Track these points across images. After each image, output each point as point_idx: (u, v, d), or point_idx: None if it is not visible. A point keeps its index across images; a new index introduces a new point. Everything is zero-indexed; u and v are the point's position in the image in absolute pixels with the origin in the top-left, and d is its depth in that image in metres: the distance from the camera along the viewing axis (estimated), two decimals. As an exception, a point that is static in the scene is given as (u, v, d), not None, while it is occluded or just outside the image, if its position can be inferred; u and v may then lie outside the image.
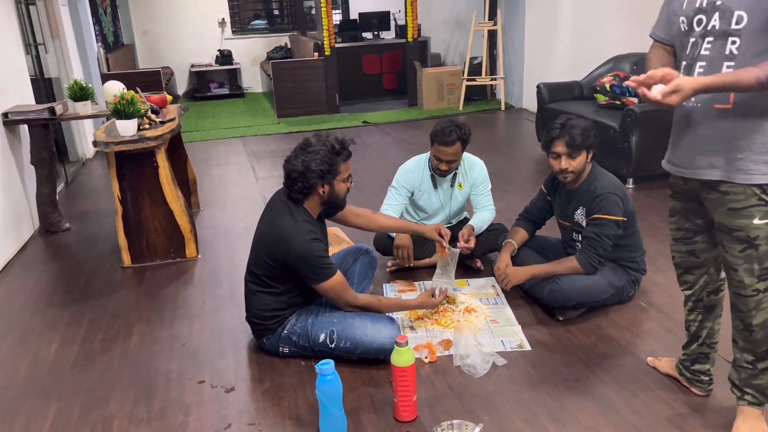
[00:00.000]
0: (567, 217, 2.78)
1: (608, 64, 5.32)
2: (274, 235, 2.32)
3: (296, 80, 7.62)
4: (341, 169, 2.30)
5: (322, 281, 2.30)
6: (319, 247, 2.29)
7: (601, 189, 2.59)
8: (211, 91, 9.57)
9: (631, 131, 4.21)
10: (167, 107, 4.07)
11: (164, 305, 3.03)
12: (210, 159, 5.86)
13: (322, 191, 2.32)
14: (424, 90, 7.61)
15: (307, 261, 2.26)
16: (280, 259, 2.30)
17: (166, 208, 3.43)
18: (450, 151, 2.95)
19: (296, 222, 2.29)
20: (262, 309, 2.45)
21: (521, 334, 2.58)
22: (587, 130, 2.57)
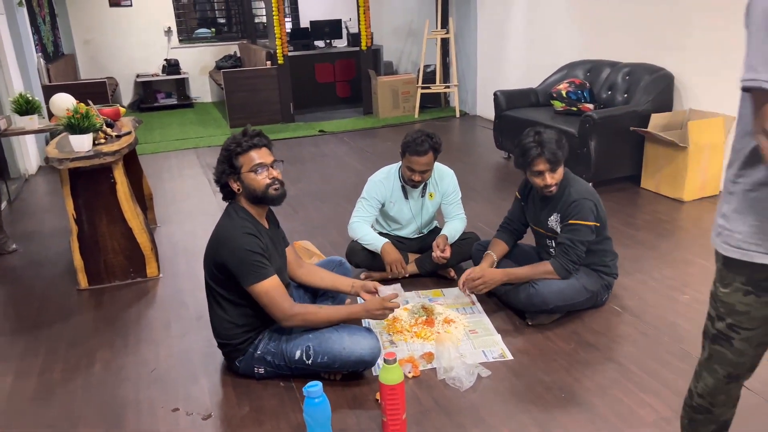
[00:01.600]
0: (541, 223, 2.79)
1: (562, 72, 5.42)
2: (213, 237, 2.27)
3: (249, 89, 7.47)
4: (241, 162, 2.22)
5: (254, 282, 2.16)
6: (252, 242, 2.17)
7: (575, 195, 2.61)
8: (159, 101, 9.30)
9: (589, 137, 4.29)
10: (121, 120, 3.90)
11: (127, 329, 2.88)
12: (162, 172, 5.66)
13: (237, 188, 2.26)
14: (379, 98, 7.60)
15: (237, 255, 2.16)
16: (220, 263, 2.22)
17: (124, 226, 3.27)
18: (423, 160, 2.93)
19: (231, 219, 2.24)
20: (225, 327, 2.35)
21: (502, 344, 2.57)
22: (560, 141, 2.58)
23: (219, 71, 8.85)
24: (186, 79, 9.44)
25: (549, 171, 2.57)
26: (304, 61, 8.42)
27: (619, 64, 4.91)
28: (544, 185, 2.60)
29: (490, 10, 7.00)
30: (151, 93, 9.26)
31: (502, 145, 5.49)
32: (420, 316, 2.77)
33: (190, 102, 9.43)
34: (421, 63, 7.56)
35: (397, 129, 7.16)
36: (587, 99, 4.80)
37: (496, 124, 5.50)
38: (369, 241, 3.09)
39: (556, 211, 2.68)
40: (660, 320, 2.71)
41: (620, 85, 4.77)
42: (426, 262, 3.17)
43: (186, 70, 9.47)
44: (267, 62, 7.63)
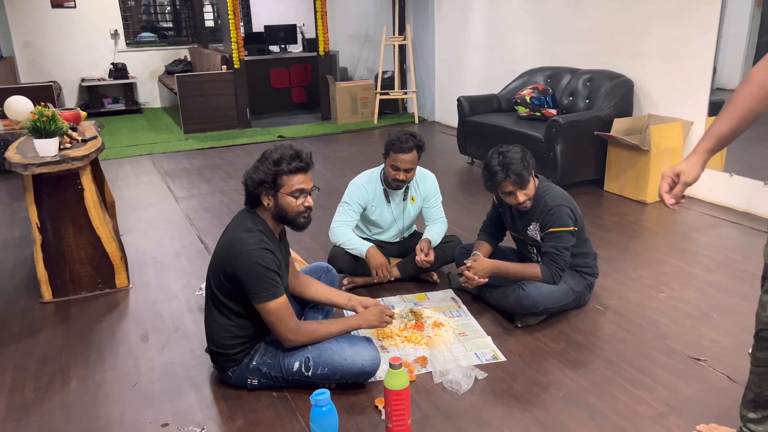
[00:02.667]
0: (520, 231, 2.82)
1: (522, 78, 5.53)
2: (226, 244, 2.19)
3: (203, 94, 7.29)
4: (284, 182, 2.15)
5: (265, 300, 2.11)
6: (269, 258, 2.11)
7: (551, 202, 2.65)
8: (105, 106, 8.95)
9: (555, 141, 4.39)
10: (81, 124, 3.73)
11: (101, 343, 2.73)
12: (118, 179, 5.44)
13: (267, 202, 2.19)
14: (338, 104, 7.56)
15: (251, 270, 2.08)
16: (230, 274, 2.14)
17: (92, 235, 3.11)
18: (408, 158, 2.92)
19: (249, 231, 2.16)
20: (224, 337, 2.26)
21: (493, 345, 2.57)
22: (524, 158, 2.59)
23: (170, 76, 8.63)
24: (134, 83, 9.13)
25: (519, 189, 2.60)
26: (260, 66, 8.30)
27: (579, 71, 5.05)
28: (516, 203, 2.64)
29: (447, 17, 7.09)
30: (97, 98, 8.91)
31: (466, 150, 5.54)
32: (409, 320, 2.75)
33: (139, 107, 9.13)
34: (380, 69, 7.56)
35: (357, 135, 7.14)
36: (550, 104, 4.90)
37: (459, 130, 5.55)
38: (352, 245, 3.05)
39: (535, 220, 2.71)
40: (642, 318, 2.78)
41: (581, 91, 4.90)
42: (409, 266, 3.16)
43: (134, 75, 9.16)
44: (222, 66, 7.47)
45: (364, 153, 6.22)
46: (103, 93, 9.02)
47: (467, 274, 2.69)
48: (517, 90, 5.35)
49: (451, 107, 6.90)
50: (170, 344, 2.70)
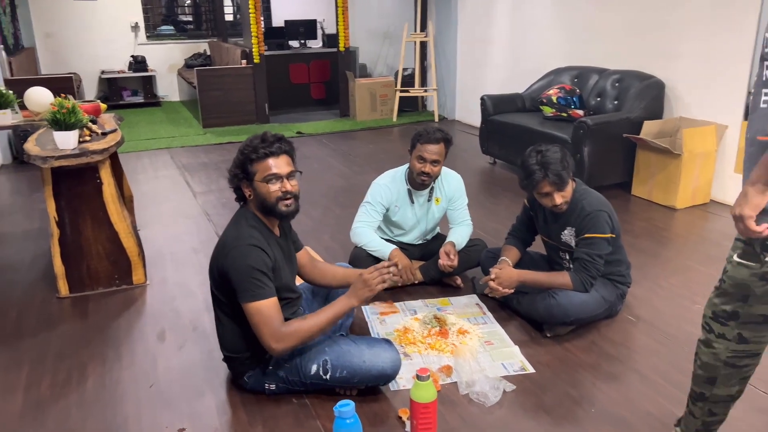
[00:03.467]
0: (553, 236, 2.73)
1: (548, 77, 5.42)
2: (218, 245, 2.12)
3: (222, 89, 7.24)
4: (255, 168, 2.06)
5: (248, 300, 1.97)
6: (255, 256, 2.00)
7: (589, 207, 2.55)
8: (124, 99, 8.94)
9: (583, 143, 4.27)
10: (101, 117, 3.68)
11: (118, 340, 2.67)
12: (136, 172, 5.40)
13: (248, 194, 2.11)
14: (357, 101, 7.47)
15: (237, 268, 1.98)
16: (222, 273, 2.07)
17: (110, 230, 3.06)
18: (435, 149, 2.84)
19: (238, 228, 2.09)
20: (233, 340, 2.19)
21: (521, 356, 2.48)
22: (564, 159, 2.50)
23: (190, 69, 8.59)
24: (153, 76, 9.11)
25: (556, 191, 2.51)
26: (279, 62, 8.24)
27: (607, 71, 4.93)
28: (553, 205, 2.55)
29: (471, 13, 6.97)
30: (116, 90, 8.89)
31: (488, 150, 5.44)
32: (433, 326, 2.66)
33: (158, 100, 9.11)
34: (400, 66, 7.46)
35: (375, 132, 7.06)
36: (577, 105, 4.79)
37: (482, 129, 5.45)
38: (375, 247, 2.97)
39: (570, 225, 2.62)
40: (676, 329, 2.67)
41: (610, 92, 4.78)
42: (431, 269, 3.07)
43: (153, 68, 9.14)
44: (242, 61, 7.42)
45: (383, 150, 6.13)
46: (123, 85, 9.01)
47: (492, 285, 2.60)
48: (542, 89, 5.23)
49: (472, 106, 6.80)
50: (188, 344, 2.64)
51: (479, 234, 3.64)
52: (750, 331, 1.61)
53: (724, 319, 1.63)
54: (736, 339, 1.62)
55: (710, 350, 1.68)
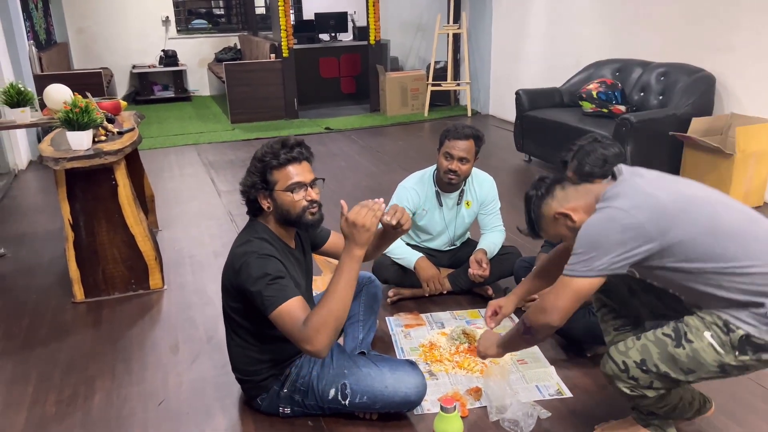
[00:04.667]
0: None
1: (588, 71, 5.16)
2: (228, 261, 1.96)
3: (251, 83, 7.14)
4: (276, 177, 1.90)
5: (272, 308, 1.77)
6: (270, 264, 1.82)
7: None
8: (155, 94, 8.94)
9: (625, 141, 4.01)
10: (121, 114, 3.58)
11: (130, 352, 2.56)
12: (162, 170, 5.33)
13: (267, 206, 1.94)
14: (387, 95, 7.29)
15: (251, 282, 1.81)
16: (236, 291, 1.91)
17: (126, 233, 2.96)
18: (463, 145, 2.66)
19: (247, 242, 1.91)
20: (246, 362, 2.04)
21: (557, 377, 2.28)
22: (607, 160, 2.28)
23: (219, 63, 8.53)
24: (184, 71, 9.08)
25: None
26: (309, 55, 8.10)
27: (652, 64, 4.64)
28: None
29: (506, 3, 6.71)
30: (147, 85, 8.90)
31: (523, 147, 5.21)
32: (461, 342, 2.48)
33: (188, 95, 9.08)
34: (432, 59, 7.26)
35: (406, 128, 6.87)
36: (619, 100, 4.53)
37: (517, 125, 5.22)
38: (400, 254, 2.80)
39: None
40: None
41: (654, 87, 4.50)
42: (461, 278, 2.88)
43: (184, 62, 9.11)
44: (271, 55, 7.31)
45: (413, 147, 5.95)
46: (153, 80, 9.00)
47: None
48: (581, 84, 4.98)
49: (506, 101, 6.56)
50: (201, 357, 2.51)
51: (513, 240, 3.43)
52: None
53: (657, 379, 1.64)
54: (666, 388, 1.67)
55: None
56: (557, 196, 1.75)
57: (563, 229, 1.75)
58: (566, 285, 1.64)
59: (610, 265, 1.58)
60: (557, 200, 1.75)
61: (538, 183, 1.81)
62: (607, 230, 1.58)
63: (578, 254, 1.61)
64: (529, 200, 1.81)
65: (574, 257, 1.62)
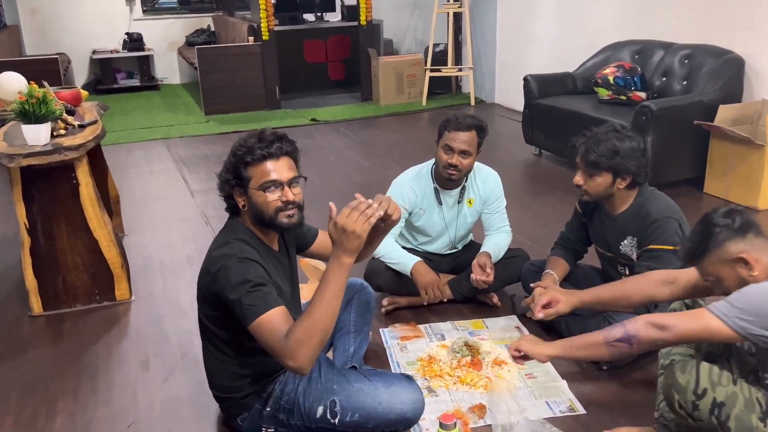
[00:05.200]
0: (610, 246, 2.60)
1: (604, 54, 5.24)
2: (204, 265, 2.01)
3: (227, 70, 7.19)
4: (250, 173, 1.95)
5: (252, 317, 1.80)
6: (250, 268, 1.86)
7: (656, 213, 2.44)
8: (118, 82, 8.98)
9: (645, 131, 4.09)
10: (82, 105, 3.63)
11: (95, 369, 2.61)
12: (127, 167, 5.38)
13: (242, 204, 2.00)
14: (380, 82, 7.36)
15: (229, 289, 1.85)
16: (213, 298, 1.96)
17: (89, 238, 3.00)
18: (464, 137, 2.72)
19: (227, 245, 1.95)
20: (224, 377, 2.09)
21: (569, 393, 2.34)
22: (618, 153, 2.37)
23: (191, 48, 8.56)
24: (151, 56, 9.13)
25: (581, 171, 2.46)
26: (292, 38, 8.15)
27: (675, 46, 4.73)
28: (575, 184, 2.50)
29: (513, -20, 6.80)
30: (109, 72, 8.94)
31: (532, 139, 5.28)
32: (463, 355, 2.54)
33: (156, 83, 9.12)
34: (430, 42, 7.33)
35: (402, 118, 6.94)
36: (639, 86, 4.61)
37: (525, 115, 5.30)
38: (395, 259, 2.85)
39: (632, 234, 2.49)
40: (760, 362, 2.49)
41: (677, 71, 4.59)
42: (463, 284, 2.94)
43: (151, 46, 9.15)
44: (249, 38, 7.37)
45: (409, 140, 6.02)
46: (117, 67, 9.04)
47: (535, 312, 2.39)
48: (597, 68, 5.06)
49: (514, 87, 6.60)
50: (175, 373, 2.56)
51: (520, 242, 3.50)
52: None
53: (718, 425, 1.69)
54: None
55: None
56: (750, 239, 1.76)
57: (731, 273, 1.78)
58: (703, 317, 1.71)
59: (761, 336, 1.64)
60: (749, 243, 1.76)
61: (731, 213, 1.80)
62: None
63: (737, 307, 1.67)
64: (711, 225, 1.80)
65: (730, 306, 1.68)
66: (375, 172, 4.99)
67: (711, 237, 1.78)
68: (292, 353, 1.76)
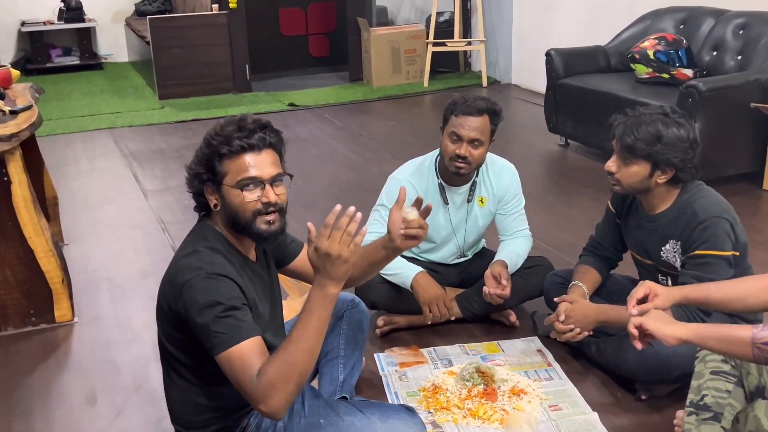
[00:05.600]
0: (649, 252, 2.67)
1: (643, 23, 5.38)
2: (168, 276, 2.05)
3: (187, 45, 7.31)
4: (226, 168, 1.98)
5: (221, 348, 1.86)
6: (221, 287, 1.91)
7: (702, 213, 2.50)
8: (53, 60, 9.09)
9: (693, 116, 4.17)
10: (12, 88, 3.69)
11: (30, 405, 2.67)
12: (64, 164, 5.44)
13: (214, 202, 2.04)
14: (373, 59, 7.47)
15: (196, 311, 1.89)
16: (176, 317, 2.00)
17: (23, 247, 3.07)
18: (475, 123, 2.79)
19: (196, 254, 2.00)
20: (189, 410, 2.13)
21: (602, 427, 2.42)
22: (663, 139, 2.44)
23: (142, 18, 8.64)
24: (92, 29, 9.25)
25: (617, 156, 2.53)
26: (265, 6, 8.28)
27: (728, 14, 4.85)
28: (606, 170, 2.56)
29: (532, -65, 6.92)
30: (42, 48, 9.03)
31: (557, 127, 5.38)
32: (475, 384, 2.60)
33: (99, 62, 9.25)
34: (433, 10, 7.43)
35: (399, 103, 7.06)
36: (684, 62, 4.72)
37: (549, 97, 5.40)
38: (393, 269, 2.91)
39: (675, 238, 2.56)
40: (830, 390, 2.56)
41: (731, 44, 4.71)
42: (473, 300, 3.02)
43: (92, 17, 9.25)
44: (213, 6, 7.47)
45: (408, 129, 6.11)
46: (51, 42, 9.13)
47: (558, 326, 2.53)
48: (634, 41, 5.17)
49: (535, 65, 6.70)
50: (127, 409, 2.62)
51: (543, 250, 3.58)
52: None
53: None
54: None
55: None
56: None
57: None
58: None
59: None
60: None
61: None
62: None
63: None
64: None
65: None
66: (367, 169, 5.07)
67: None
68: (264, 397, 1.81)
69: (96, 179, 5.14)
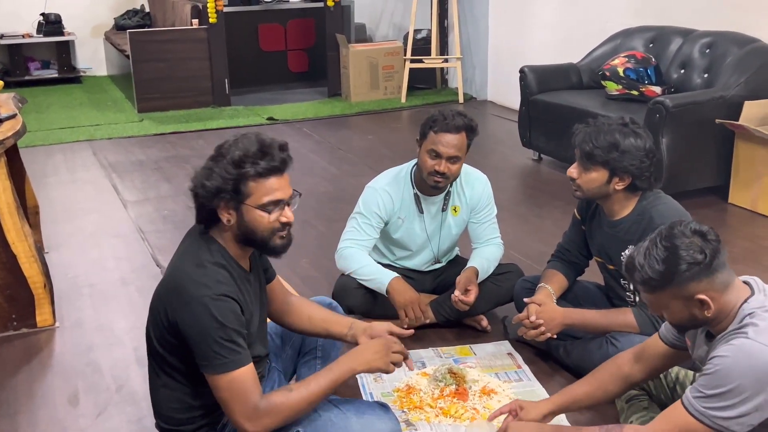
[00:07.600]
0: (611, 257, 2.76)
1: (614, 41, 5.49)
2: (170, 281, 2.12)
3: (166, 59, 7.37)
4: (251, 189, 2.04)
5: (218, 371, 1.99)
6: (226, 310, 2.01)
7: (660, 219, 2.57)
8: (31, 73, 9.09)
9: (660, 132, 4.30)
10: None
11: (14, 406, 2.72)
12: (45, 175, 5.48)
13: (227, 219, 2.09)
14: (351, 75, 7.56)
15: (201, 328, 1.99)
16: (174, 324, 2.07)
17: (5, 253, 3.12)
18: (454, 141, 2.87)
19: (201, 266, 2.07)
20: (175, 408, 2.20)
21: (565, 421, 2.50)
22: (617, 147, 2.53)
23: (121, 32, 8.69)
24: (71, 42, 9.26)
25: (578, 163, 2.63)
26: (244, 21, 8.32)
27: (695, 33, 4.98)
28: (569, 176, 2.67)
29: (508, -45, 7.06)
30: (20, 61, 9.05)
31: (530, 141, 5.49)
32: (447, 384, 2.69)
33: (78, 75, 9.26)
34: (410, 27, 7.54)
35: (377, 118, 7.15)
36: (653, 80, 4.84)
37: (522, 113, 5.52)
38: (369, 275, 3.00)
39: (634, 243, 2.60)
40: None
41: (697, 62, 4.83)
42: (445, 306, 3.10)
43: (72, 30, 9.27)
44: (192, 20, 7.54)
45: (386, 143, 6.21)
46: (29, 55, 9.15)
47: (527, 323, 2.65)
48: (605, 58, 5.29)
49: (510, 82, 6.81)
50: (109, 409, 2.68)
51: (514, 257, 3.68)
52: None
53: None
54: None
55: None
56: (715, 277, 1.86)
57: (682, 309, 1.91)
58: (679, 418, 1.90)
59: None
60: (712, 282, 1.86)
61: (703, 246, 1.86)
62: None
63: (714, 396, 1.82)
64: (678, 258, 1.84)
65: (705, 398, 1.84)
66: (345, 182, 5.16)
67: (675, 273, 1.85)
68: (257, 418, 2.00)
69: (76, 190, 5.19)
